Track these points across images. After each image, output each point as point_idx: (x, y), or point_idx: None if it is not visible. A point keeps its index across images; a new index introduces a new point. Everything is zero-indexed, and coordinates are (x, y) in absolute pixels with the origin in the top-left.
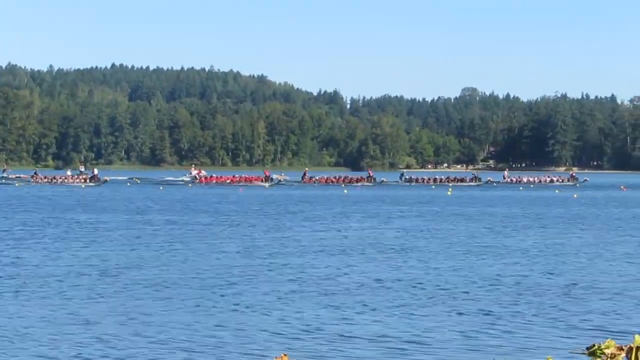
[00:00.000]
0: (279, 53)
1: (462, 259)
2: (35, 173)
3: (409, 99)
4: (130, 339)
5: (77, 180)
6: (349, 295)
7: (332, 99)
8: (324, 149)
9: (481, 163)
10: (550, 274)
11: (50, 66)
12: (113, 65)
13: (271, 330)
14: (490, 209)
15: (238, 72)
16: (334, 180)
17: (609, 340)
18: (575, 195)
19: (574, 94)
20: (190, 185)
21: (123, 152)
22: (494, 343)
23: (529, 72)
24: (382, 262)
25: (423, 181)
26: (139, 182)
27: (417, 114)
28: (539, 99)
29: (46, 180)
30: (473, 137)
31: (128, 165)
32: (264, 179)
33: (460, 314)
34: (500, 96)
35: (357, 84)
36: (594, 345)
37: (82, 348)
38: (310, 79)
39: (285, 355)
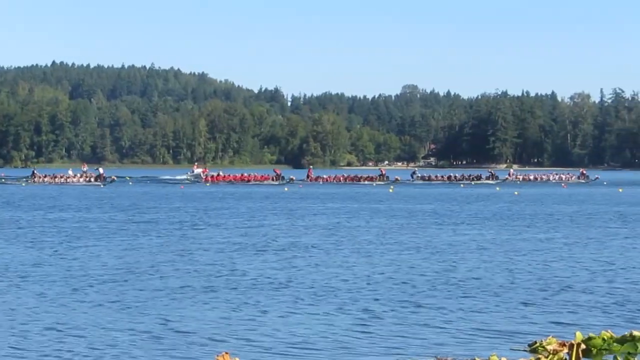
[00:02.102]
0: (220, 51)
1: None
2: (33, 172)
3: (350, 96)
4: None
5: (81, 179)
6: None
7: (273, 96)
8: (265, 146)
9: (422, 160)
10: (478, 271)
11: None
12: (53, 63)
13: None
14: (420, 205)
15: (179, 69)
16: (342, 179)
17: (550, 336)
18: (516, 192)
19: (515, 91)
20: (205, 183)
21: (64, 150)
22: (435, 340)
23: (469, 69)
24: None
25: (436, 179)
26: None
27: (358, 112)
28: (480, 97)
29: (47, 179)
30: (414, 134)
31: (69, 163)
32: (274, 178)
33: (393, 310)
34: (441, 94)
35: (298, 82)
36: (535, 342)
37: None
38: (251, 77)
39: (227, 353)
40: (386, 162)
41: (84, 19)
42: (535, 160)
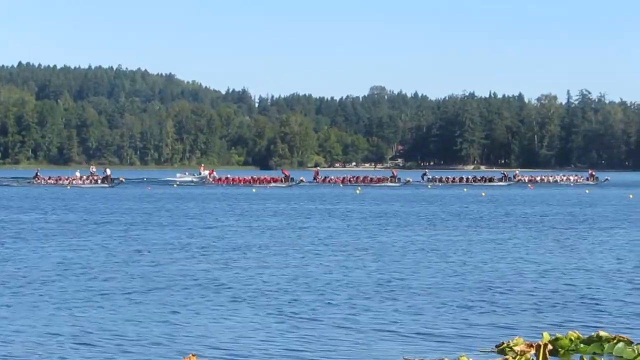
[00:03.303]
0: (187, 51)
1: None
2: (37, 174)
3: (318, 97)
4: None
5: (88, 181)
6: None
7: (240, 97)
8: (233, 147)
9: (390, 162)
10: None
11: None
12: (20, 63)
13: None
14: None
15: (146, 70)
16: (351, 180)
17: (517, 337)
18: (483, 194)
19: (482, 92)
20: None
21: (30, 151)
22: (401, 341)
23: (437, 71)
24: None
25: (447, 181)
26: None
27: (325, 113)
28: (447, 98)
29: (51, 181)
30: (381, 135)
31: (35, 164)
32: (283, 179)
33: (363, 313)
34: (409, 95)
35: (266, 83)
36: (503, 343)
37: None
38: (218, 78)
39: (193, 355)
40: (353, 163)
41: (51, 20)
42: (503, 161)
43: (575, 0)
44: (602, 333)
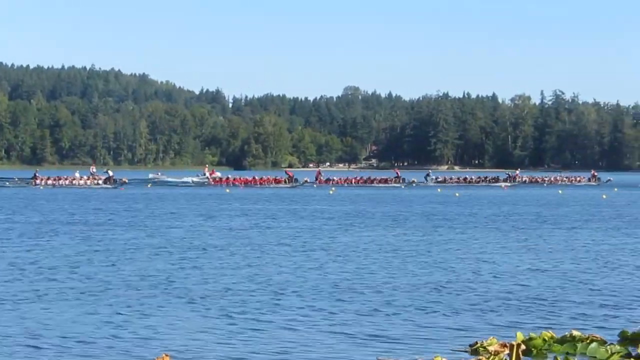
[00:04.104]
0: (161, 51)
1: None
2: (35, 174)
3: (292, 98)
4: None
5: (89, 181)
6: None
7: (214, 98)
8: (207, 148)
9: (363, 162)
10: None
11: None
12: None
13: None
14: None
15: (119, 70)
16: (354, 181)
17: (491, 337)
18: (457, 194)
19: (456, 93)
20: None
21: (3, 151)
22: (374, 341)
23: (410, 71)
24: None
25: (451, 181)
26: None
27: (299, 113)
28: (421, 98)
29: (51, 182)
30: (355, 136)
31: (8, 164)
32: (287, 180)
33: (334, 313)
34: (383, 95)
35: (240, 83)
36: (476, 343)
37: None
38: (192, 78)
39: (166, 355)
40: (327, 163)
41: (24, 20)
42: (476, 161)
43: (552, 1)
44: (575, 333)
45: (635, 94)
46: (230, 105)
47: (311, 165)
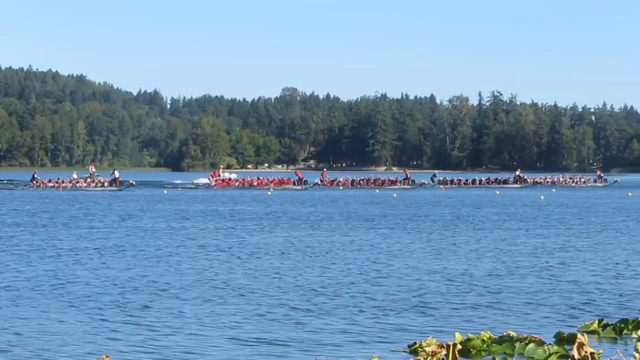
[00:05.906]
0: (98, 52)
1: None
2: (33, 176)
3: (230, 99)
4: None
5: (92, 183)
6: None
7: (152, 99)
8: (145, 149)
9: (302, 163)
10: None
11: None
12: None
13: None
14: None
15: (57, 71)
16: (361, 182)
17: (430, 338)
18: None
19: (394, 94)
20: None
21: None
22: (312, 341)
23: (349, 72)
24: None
25: (459, 183)
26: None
27: (237, 114)
28: (359, 99)
29: (50, 184)
30: (293, 137)
31: None
32: (295, 182)
33: (263, 315)
34: (321, 96)
35: (178, 84)
36: (415, 344)
37: None
38: (130, 79)
39: (107, 357)
40: (266, 164)
41: None
42: (415, 162)
43: (492, 2)
44: (512, 333)
45: (573, 95)
46: (169, 106)
47: (250, 166)
